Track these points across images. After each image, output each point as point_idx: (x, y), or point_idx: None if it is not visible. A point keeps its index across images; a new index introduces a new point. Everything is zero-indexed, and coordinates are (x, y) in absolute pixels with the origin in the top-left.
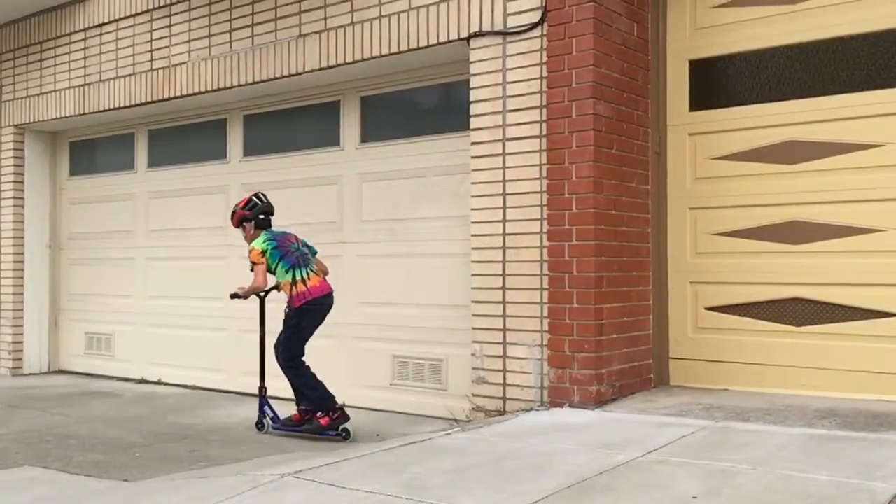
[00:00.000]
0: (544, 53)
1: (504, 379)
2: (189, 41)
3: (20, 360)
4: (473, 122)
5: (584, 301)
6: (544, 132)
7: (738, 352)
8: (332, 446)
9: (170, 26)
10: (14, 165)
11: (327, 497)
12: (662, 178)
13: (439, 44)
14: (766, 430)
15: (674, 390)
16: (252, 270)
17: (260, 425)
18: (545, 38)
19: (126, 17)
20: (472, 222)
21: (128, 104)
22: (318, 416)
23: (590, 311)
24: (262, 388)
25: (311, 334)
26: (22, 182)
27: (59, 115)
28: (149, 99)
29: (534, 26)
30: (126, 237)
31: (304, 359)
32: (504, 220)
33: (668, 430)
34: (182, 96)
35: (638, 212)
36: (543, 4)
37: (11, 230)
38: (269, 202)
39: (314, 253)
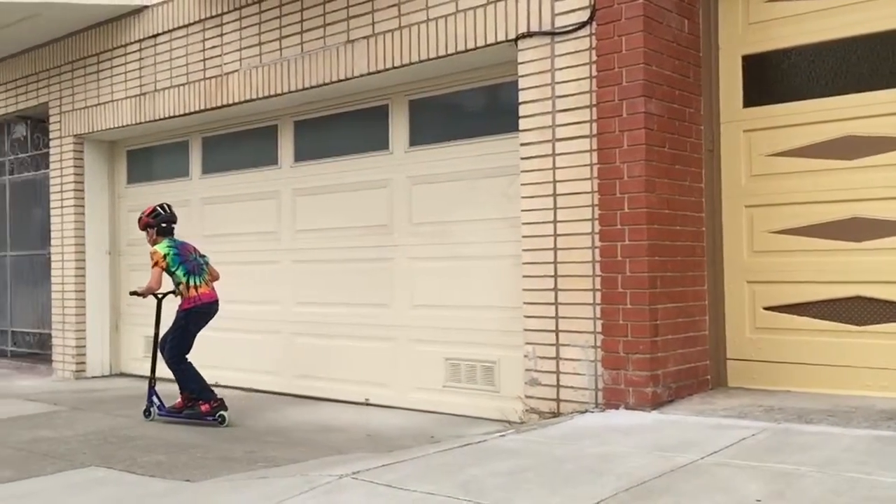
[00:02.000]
0: (593, 52)
1: (557, 380)
2: (240, 49)
3: (83, 363)
4: (522, 123)
5: (638, 302)
6: (595, 132)
7: (799, 352)
8: (389, 448)
9: (221, 35)
10: (74, 174)
11: (385, 498)
12: (716, 176)
13: (487, 45)
14: (830, 431)
15: (732, 392)
16: (152, 267)
17: (147, 413)
18: (594, 37)
19: (179, 28)
20: (523, 223)
21: (182, 113)
22: (200, 403)
23: (644, 312)
24: (152, 379)
25: (195, 335)
26: (82, 190)
27: (116, 125)
28: (202, 107)
29: (582, 25)
30: None
31: (187, 356)
32: (555, 221)
33: (728, 432)
34: (234, 104)
35: (692, 210)
36: (592, 3)
37: (73, 237)
38: (172, 213)
39: (206, 262)
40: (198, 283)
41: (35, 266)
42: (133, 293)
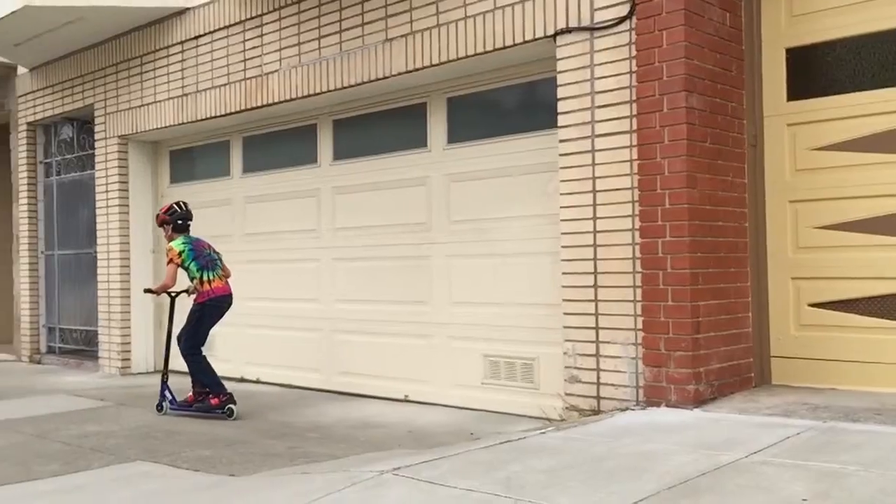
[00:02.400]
0: (633, 47)
1: (598, 378)
2: (280, 49)
3: (128, 360)
4: (561, 120)
5: (679, 298)
6: (635, 127)
7: (845, 350)
8: (429, 445)
9: (261, 36)
10: (119, 175)
11: (426, 494)
12: (760, 171)
13: (525, 42)
14: (878, 430)
15: (776, 390)
16: (167, 264)
17: (159, 407)
18: (634, 32)
19: (220, 29)
20: (562, 220)
21: (223, 113)
22: (210, 396)
23: (686, 309)
24: (165, 374)
25: (210, 328)
26: (127, 190)
27: (158, 126)
28: (243, 107)
29: (622, 20)
30: (224, 241)
31: (202, 348)
32: (594, 218)
33: (773, 430)
34: (274, 103)
35: (734, 206)
36: None
37: (118, 236)
38: (188, 210)
39: (220, 258)
40: (211, 277)
41: (81, 265)
42: (147, 291)
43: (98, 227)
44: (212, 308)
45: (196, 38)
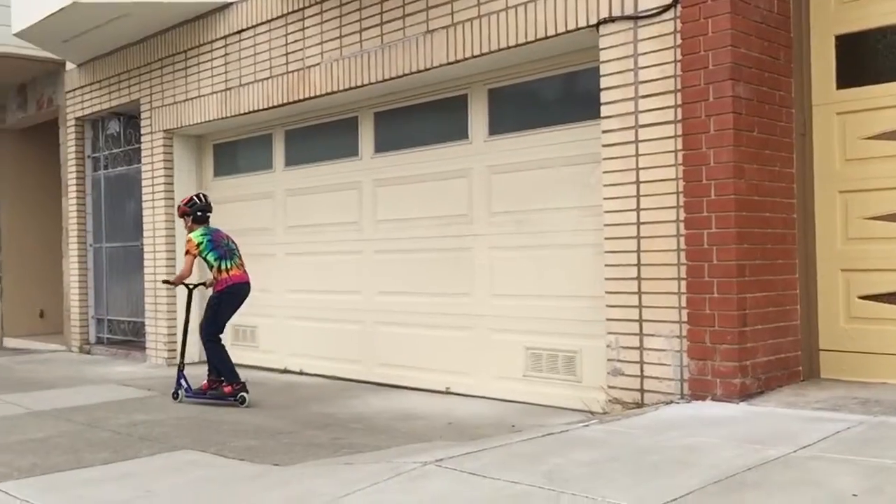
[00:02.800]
0: (678, 36)
1: (641, 371)
2: (321, 43)
3: (174, 350)
4: (604, 110)
5: (725, 291)
6: (679, 117)
7: None
8: (471, 437)
9: (303, 29)
10: (164, 168)
11: (469, 486)
12: (808, 161)
13: (567, 32)
14: None
15: (825, 383)
16: (185, 255)
17: (175, 395)
18: (678, 21)
19: (262, 23)
20: (605, 212)
21: (266, 106)
22: (224, 385)
23: (732, 301)
24: (181, 364)
25: (229, 316)
26: (172, 184)
27: (202, 120)
28: (285, 100)
29: (666, 8)
30: (267, 234)
31: (221, 336)
32: (638, 209)
33: (822, 424)
34: (316, 97)
35: (782, 197)
36: None
37: (164, 229)
38: (207, 203)
39: (238, 249)
40: (229, 266)
41: (129, 257)
42: (165, 282)
43: (144, 220)
44: (230, 296)
45: (239, 32)
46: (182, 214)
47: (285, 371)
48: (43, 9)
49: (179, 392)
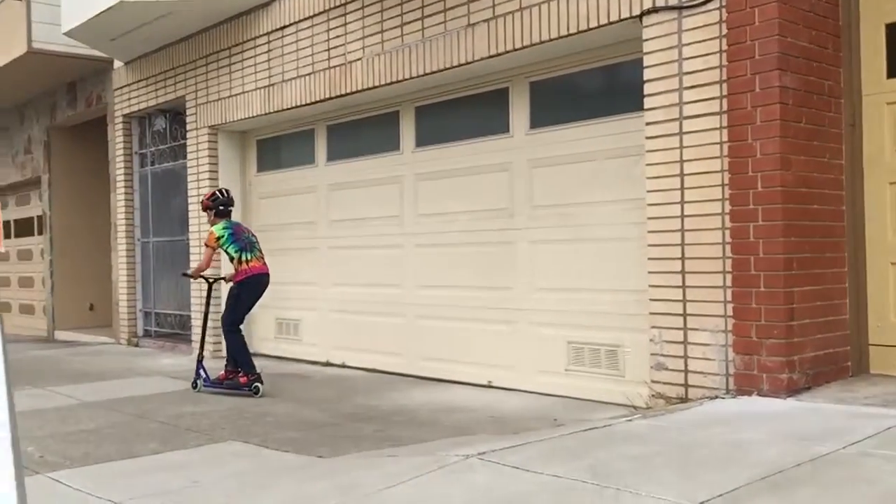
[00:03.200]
0: (723, 26)
1: (685, 365)
2: (363, 38)
3: (220, 344)
4: (647, 102)
5: (771, 284)
6: (725, 108)
7: None
8: (513, 430)
9: (345, 25)
10: (209, 164)
11: (512, 479)
12: (858, 152)
13: (610, 23)
14: None
15: (875, 379)
16: (204, 247)
17: (194, 385)
18: (724, 10)
19: (305, 19)
20: (648, 204)
21: (308, 102)
22: (240, 375)
23: (778, 295)
24: (201, 355)
25: (249, 306)
26: (217, 179)
27: (246, 116)
28: (327, 96)
29: None
30: (310, 228)
31: (241, 327)
32: (682, 202)
33: (872, 421)
34: (357, 91)
35: (831, 188)
36: None
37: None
38: (229, 197)
39: (258, 243)
40: (249, 258)
41: (175, 251)
42: (184, 274)
43: (190, 215)
44: (249, 286)
45: (281, 28)
46: (205, 209)
47: (328, 364)
48: (91, 8)
49: (198, 382)
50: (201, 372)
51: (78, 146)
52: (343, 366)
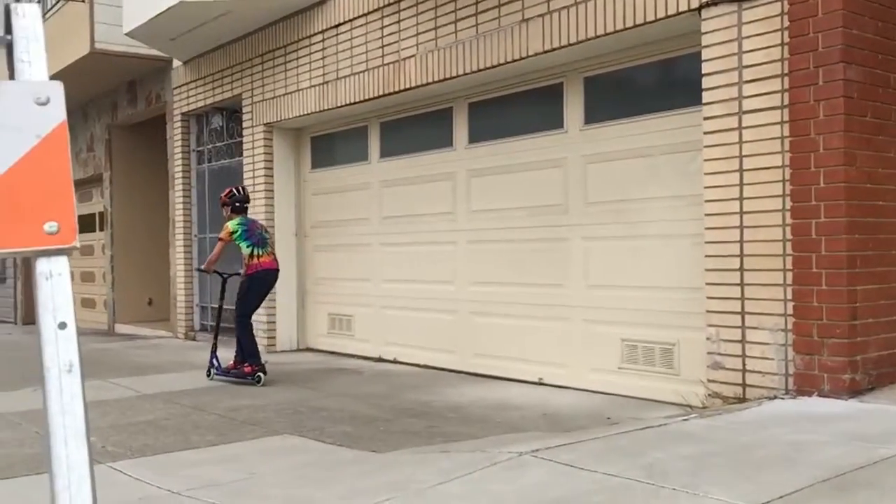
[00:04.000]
0: (785, 18)
1: (743, 364)
2: (417, 34)
3: (273, 338)
4: (706, 97)
5: (834, 283)
6: (786, 102)
7: None
8: (565, 428)
9: (399, 22)
10: (265, 161)
11: (566, 477)
12: None
13: (668, 17)
14: None
15: None
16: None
17: (208, 373)
18: (786, 2)
19: (359, 17)
20: (706, 201)
21: (362, 99)
22: (245, 365)
23: (841, 294)
24: (215, 346)
25: (258, 298)
26: (272, 176)
27: (301, 113)
28: (381, 93)
29: None
30: (362, 224)
31: (251, 319)
32: (741, 198)
33: None
34: (411, 88)
35: None
36: None
37: (263, 219)
38: (245, 194)
39: (270, 239)
40: (260, 253)
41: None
42: (198, 269)
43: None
44: (258, 280)
45: (336, 26)
46: (223, 205)
47: (380, 359)
48: (152, 8)
49: (212, 371)
50: (214, 361)
51: (138, 144)
52: (395, 361)
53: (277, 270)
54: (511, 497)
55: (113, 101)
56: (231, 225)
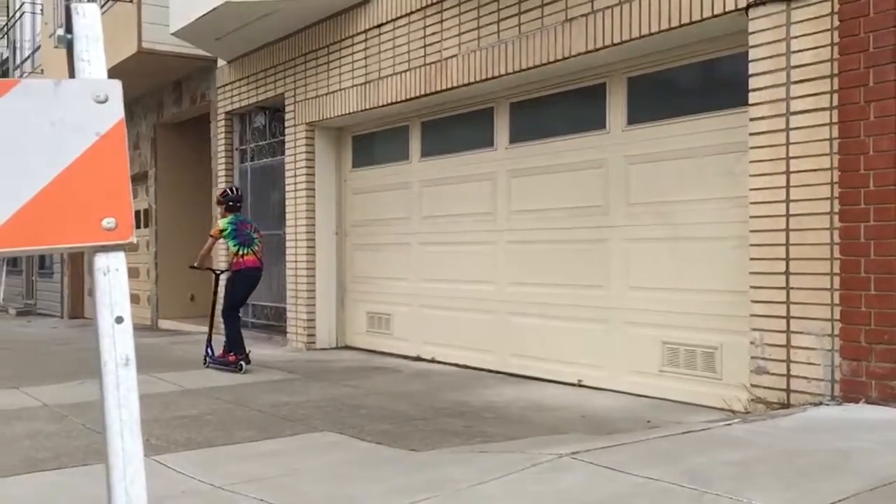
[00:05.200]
0: (835, 17)
1: (788, 369)
2: (459, 34)
3: (313, 336)
4: (752, 97)
5: (883, 288)
6: (835, 103)
7: None
8: (605, 431)
9: (441, 21)
10: (306, 160)
11: (607, 480)
12: None
13: (714, 16)
14: None
15: None
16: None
17: (204, 361)
18: (836, 1)
19: (401, 17)
20: (751, 203)
21: (403, 98)
22: (230, 354)
23: (891, 299)
24: (210, 336)
25: (243, 294)
26: (313, 175)
27: (343, 112)
28: (422, 92)
29: None
30: (402, 223)
31: (238, 313)
32: (787, 200)
33: None
34: (453, 88)
35: None
36: None
37: (304, 218)
38: (238, 195)
39: (258, 239)
40: (245, 252)
41: (271, 245)
42: (192, 267)
43: (287, 210)
44: (241, 276)
45: (378, 26)
46: (218, 203)
47: (418, 359)
48: (198, 9)
49: (206, 359)
50: (209, 350)
51: (182, 142)
52: (433, 361)
53: (260, 269)
54: (551, 499)
55: (159, 101)
56: (222, 223)
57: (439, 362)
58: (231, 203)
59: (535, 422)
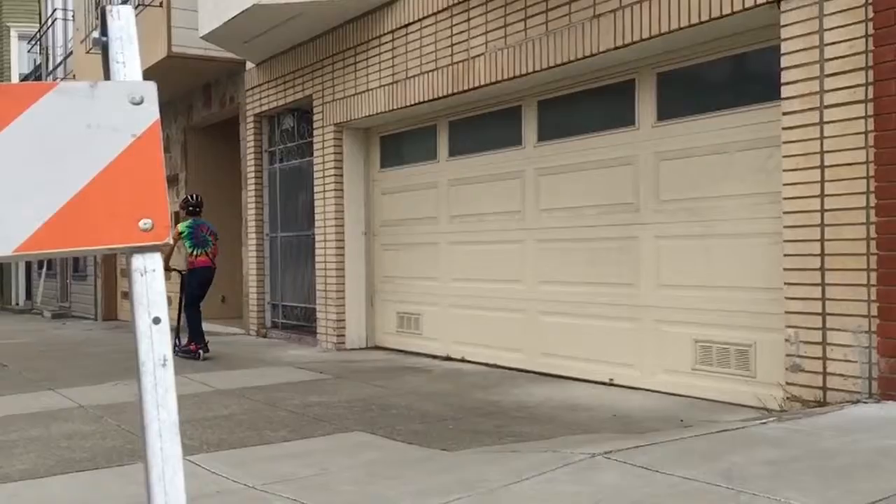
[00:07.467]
0: (870, 9)
1: (824, 367)
2: (486, 33)
3: (343, 336)
4: (785, 91)
5: None
6: (871, 96)
7: None
8: (637, 430)
9: (468, 20)
10: (335, 160)
11: (642, 480)
12: None
13: (745, 10)
14: None
15: None
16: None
17: (174, 350)
18: None
19: (428, 16)
20: (784, 198)
21: (431, 98)
22: (192, 344)
23: None
24: (178, 329)
25: (197, 290)
26: (341, 175)
27: (370, 113)
28: (449, 92)
29: None
30: (430, 223)
31: (199, 307)
32: (822, 195)
33: None
34: (480, 86)
35: None
36: None
37: (333, 218)
38: (197, 201)
39: (213, 241)
40: (198, 252)
41: (301, 246)
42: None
43: (315, 211)
44: (196, 274)
45: (405, 26)
46: (181, 208)
47: (448, 358)
48: (227, 12)
49: (175, 349)
50: (176, 341)
51: (212, 145)
52: (462, 360)
53: (211, 268)
54: (585, 499)
55: (188, 104)
56: (181, 226)
57: (469, 362)
58: (192, 208)
59: (566, 421)
